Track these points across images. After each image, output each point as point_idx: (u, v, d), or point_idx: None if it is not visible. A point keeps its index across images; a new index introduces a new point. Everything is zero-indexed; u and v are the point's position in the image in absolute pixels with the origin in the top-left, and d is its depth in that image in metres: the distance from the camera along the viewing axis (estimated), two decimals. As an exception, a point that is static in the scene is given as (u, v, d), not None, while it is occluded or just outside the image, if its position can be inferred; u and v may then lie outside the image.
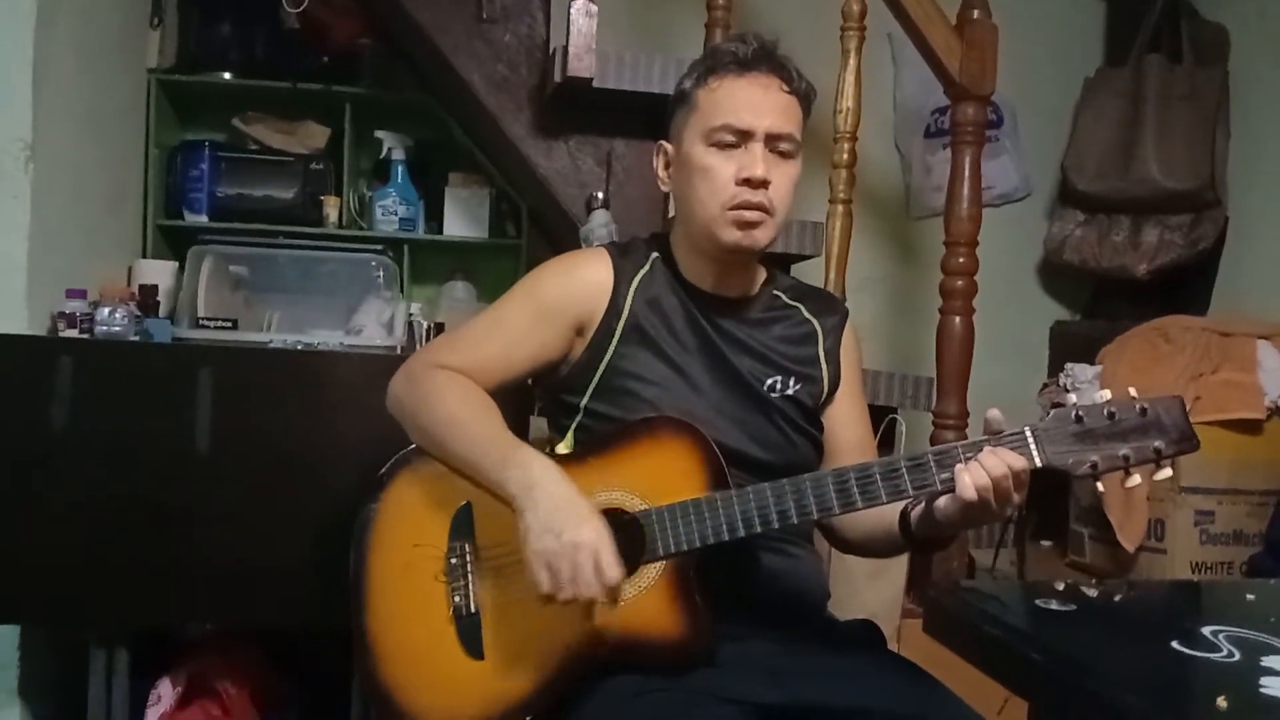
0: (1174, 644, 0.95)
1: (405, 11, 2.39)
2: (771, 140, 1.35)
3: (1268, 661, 0.92)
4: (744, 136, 1.35)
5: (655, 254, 1.47)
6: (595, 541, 1.19)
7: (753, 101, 1.36)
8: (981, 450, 1.17)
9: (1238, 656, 0.93)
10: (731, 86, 1.37)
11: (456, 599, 1.31)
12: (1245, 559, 2.24)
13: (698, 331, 1.42)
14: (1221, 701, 0.81)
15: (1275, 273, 2.75)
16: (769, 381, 1.42)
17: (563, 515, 1.20)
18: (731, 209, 1.35)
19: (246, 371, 1.99)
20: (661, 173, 1.47)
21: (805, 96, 1.40)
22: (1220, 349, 2.34)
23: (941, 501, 1.20)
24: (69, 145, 2.27)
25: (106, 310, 2.10)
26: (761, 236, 1.38)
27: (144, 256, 2.82)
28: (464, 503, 1.33)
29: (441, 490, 1.34)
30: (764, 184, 1.34)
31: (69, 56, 2.24)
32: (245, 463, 1.94)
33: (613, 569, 1.19)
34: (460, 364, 1.39)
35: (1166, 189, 2.85)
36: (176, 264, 2.67)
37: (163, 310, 2.45)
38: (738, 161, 1.35)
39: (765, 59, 1.37)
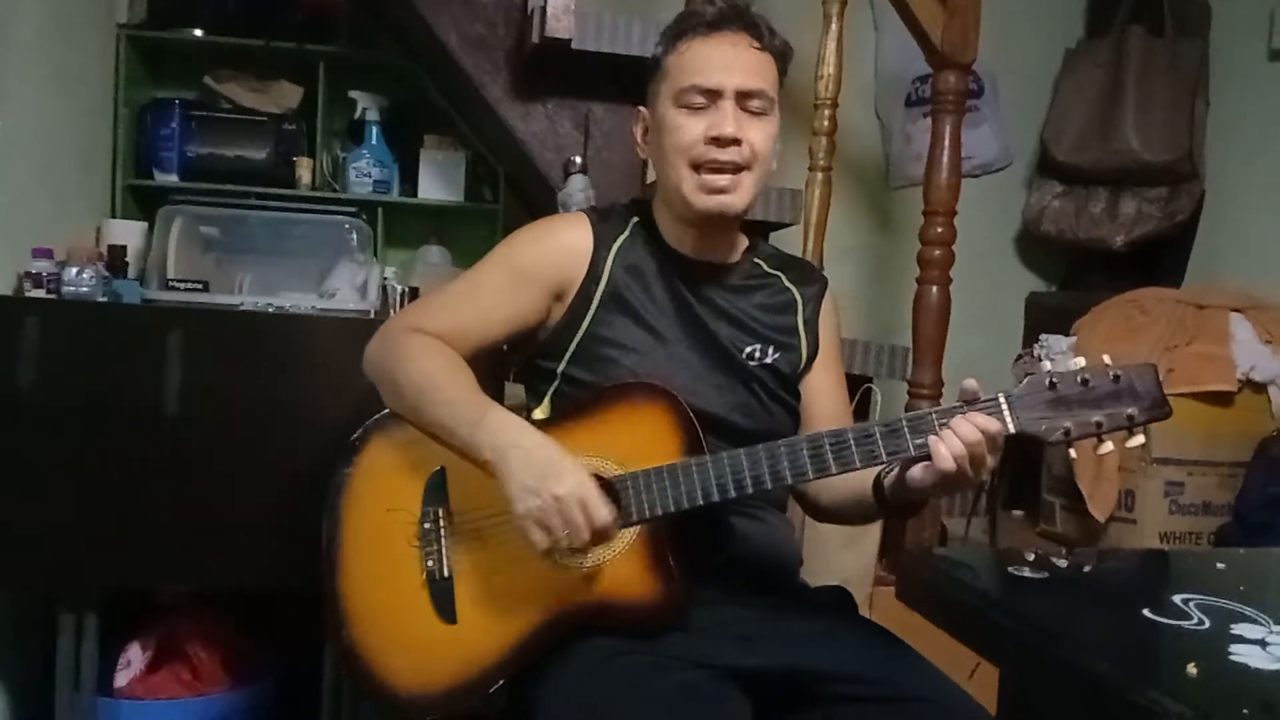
0: (1145, 611, 0.96)
1: (381, -31, 2.35)
2: (742, 98, 1.34)
3: (1237, 629, 0.92)
4: (713, 96, 1.34)
5: (635, 219, 1.46)
6: (578, 488, 1.19)
7: (721, 60, 1.34)
8: (955, 417, 1.17)
9: (1208, 624, 0.94)
10: (699, 47, 1.36)
11: (430, 563, 1.30)
12: (1214, 529, 2.26)
13: (677, 298, 1.41)
14: (1191, 668, 0.81)
15: (1250, 246, 2.77)
16: (747, 349, 1.42)
17: (540, 471, 1.20)
18: (700, 170, 1.34)
19: (217, 334, 1.97)
20: (640, 140, 1.46)
21: (780, 54, 1.39)
22: (1194, 321, 2.35)
23: (916, 468, 1.20)
24: (36, 103, 2.22)
25: (74, 270, 2.07)
26: (735, 201, 1.36)
27: (113, 216, 2.77)
28: (438, 468, 1.32)
29: (415, 455, 1.33)
30: (735, 142, 1.33)
31: (35, 11, 2.19)
32: (216, 426, 1.92)
33: (601, 510, 1.19)
34: (437, 328, 1.38)
35: (1145, 161, 2.85)
36: (146, 224, 2.63)
37: (132, 271, 2.41)
38: (707, 120, 1.34)
39: (733, 17, 1.36)
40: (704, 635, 1.26)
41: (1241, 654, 0.87)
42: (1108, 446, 1.18)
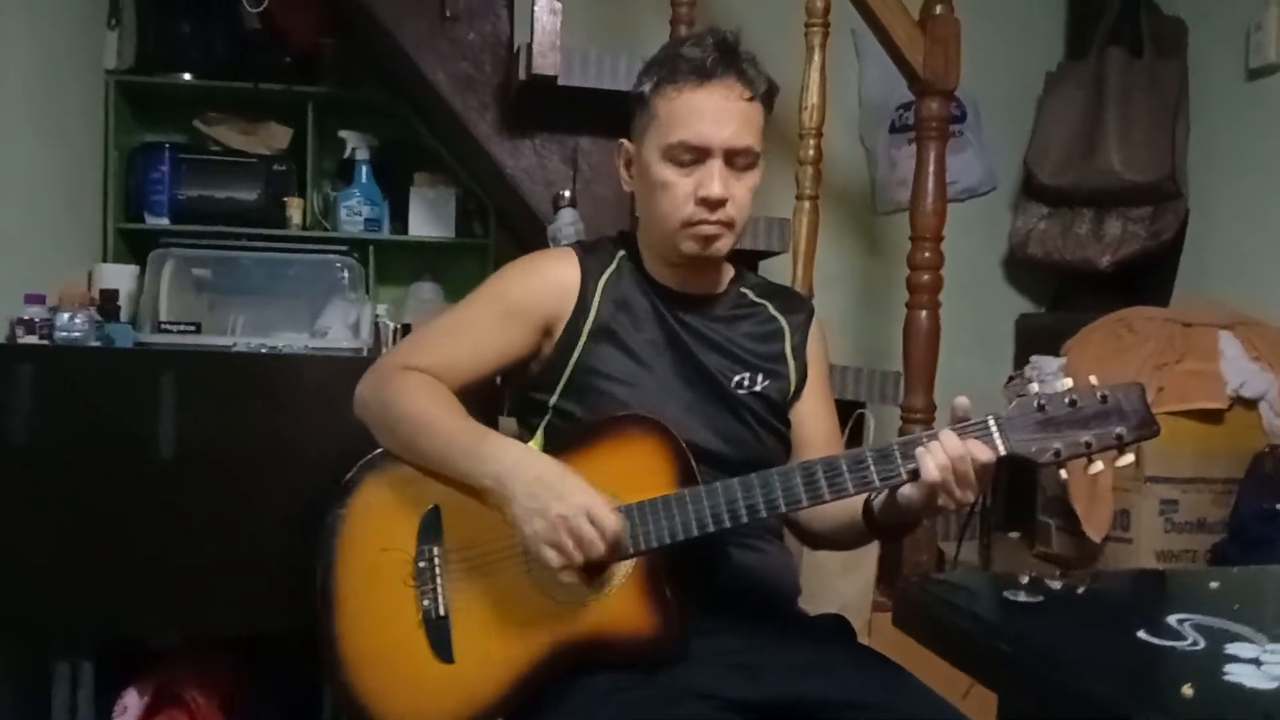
0: (1140, 633, 0.96)
1: (367, 10, 2.37)
2: (729, 155, 1.34)
3: (1232, 649, 0.93)
4: (701, 153, 1.34)
5: (622, 252, 1.47)
6: (582, 503, 1.19)
7: (709, 116, 1.33)
8: (944, 430, 1.18)
9: (1202, 644, 0.94)
10: (689, 100, 1.34)
11: (425, 602, 1.30)
12: (1209, 547, 2.27)
13: (665, 329, 1.42)
14: (1187, 689, 0.81)
15: (1236, 263, 2.79)
16: (736, 378, 1.42)
17: (542, 492, 1.20)
18: (691, 225, 1.36)
19: (210, 376, 1.97)
20: (623, 171, 1.47)
21: (768, 97, 1.39)
22: (1183, 339, 2.36)
23: (905, 487, 1.20)
24: (26, 148, 2.24)
25: (66, 315, 2.07)
26: (721, 247, 1.39)
27: (104, 260, 2.78)
28: (432, 506, 1.32)
29: (409, 494, 1.33)
30: (721, 203, 1.34)
31: (24, 58, 2.21)
32: (210, 469, 1.92)
33: (609, 519, 1.19)
34: (428, 364, 1.38)
35: (1128, 181, 2.88)
36: (138, 268, 2.63)
37: (124, 315, 2.42)
38: (695, 178, 1.35)
39: (725, 65, 1.34)
40: (705, 667, 1.26)
41: (1236, 673, 0.87)
42: (1098, 466, 1.19)
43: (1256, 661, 0.90)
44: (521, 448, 1.27)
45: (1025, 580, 1.13)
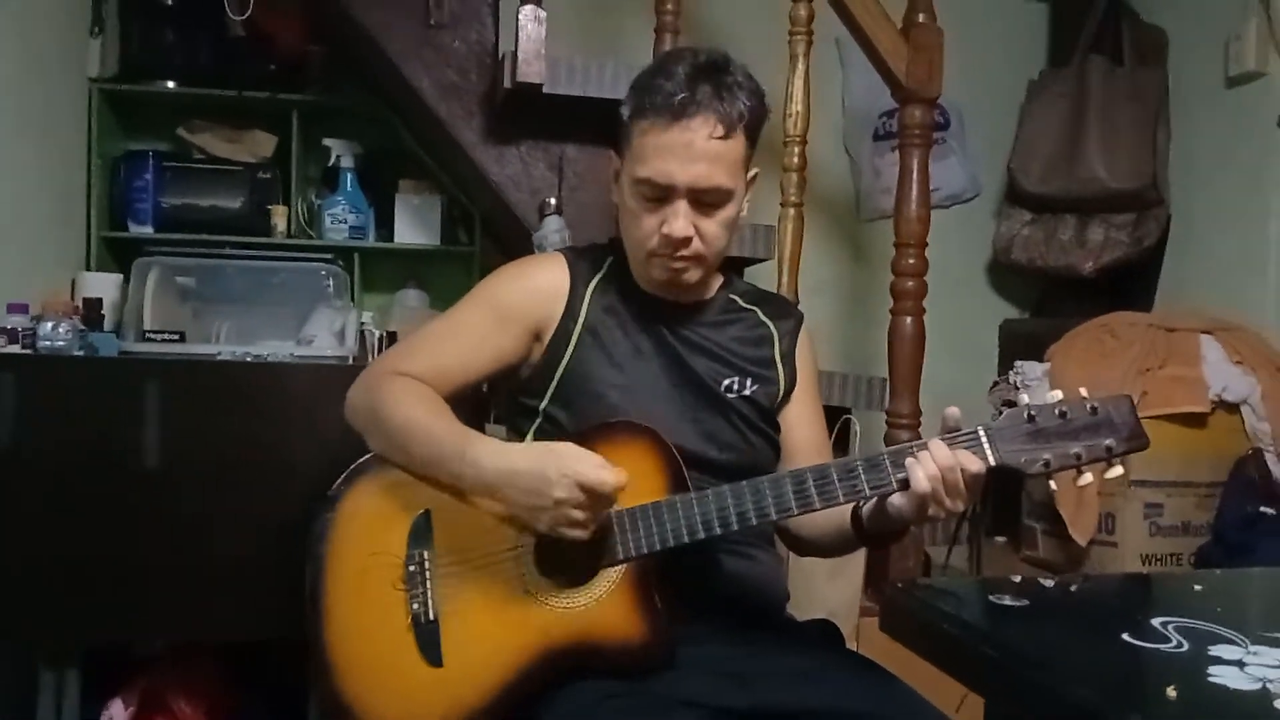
0: (1124, 636, 0.97)
1: (352, 18, 2.37)
2: (695, 194, 1.33)
3: (1215, 650, 0.94)
4: (666, 191, 1.33)
5: (611, 258, 1.48)
6: (570, 476, 1.18)
7: (677, 157, 1.30)
8: (934, 440, 1.18)
9: (1186, 647, 0.95)
10: (658, 138, 1.31)
11: (415, 607, 1.30)
12: (1194, 550, 2.28)
13: (654, 334, 1.43)
14: (1171, 691, 0.82)
15: (1217, 268, 2.81)
16: (726, 382, 1.43)
17: (534, 487, 1.21)
18: (656, 256, 1.36)
19: (195, 384, 1.96)
20: (614, 184, 1.47)
21: (750, 128, 1.35)
22: (1165, 344, 2.38)
23: (895, 496, 1.21)
24: (9, 157, 2.23)
25: (49, 325, 2.05)
26: (690, 278, 1.39)
27: (88, 269, 2.76)
28: (422, 510, 1.32)
29: (398, 499, 1.33)
30: (685, 242, 1.34)
31: (7, 66, 2.20)
32: (196, 477, 1.91)
33: (602, 473, 1.19)
34: (418, 370, 1.38)
35: (1111, 188, 2.90)
36: (121, 276, 2.62)
37: (108, 324, 2.40)
38: (661, 215, 1.34)
39: (702, 101, 1.30)
40: (693, 674, 1.26)
41: (1220, 675, 0.88)
42: (1087, 478, 1.19)
43: (1240, 663, 0.90)
44: (504, 446, 1.27)
45: (1013, 584, 1.14)
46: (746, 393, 1.43)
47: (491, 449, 1.27)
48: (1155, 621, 1.00)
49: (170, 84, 2.93)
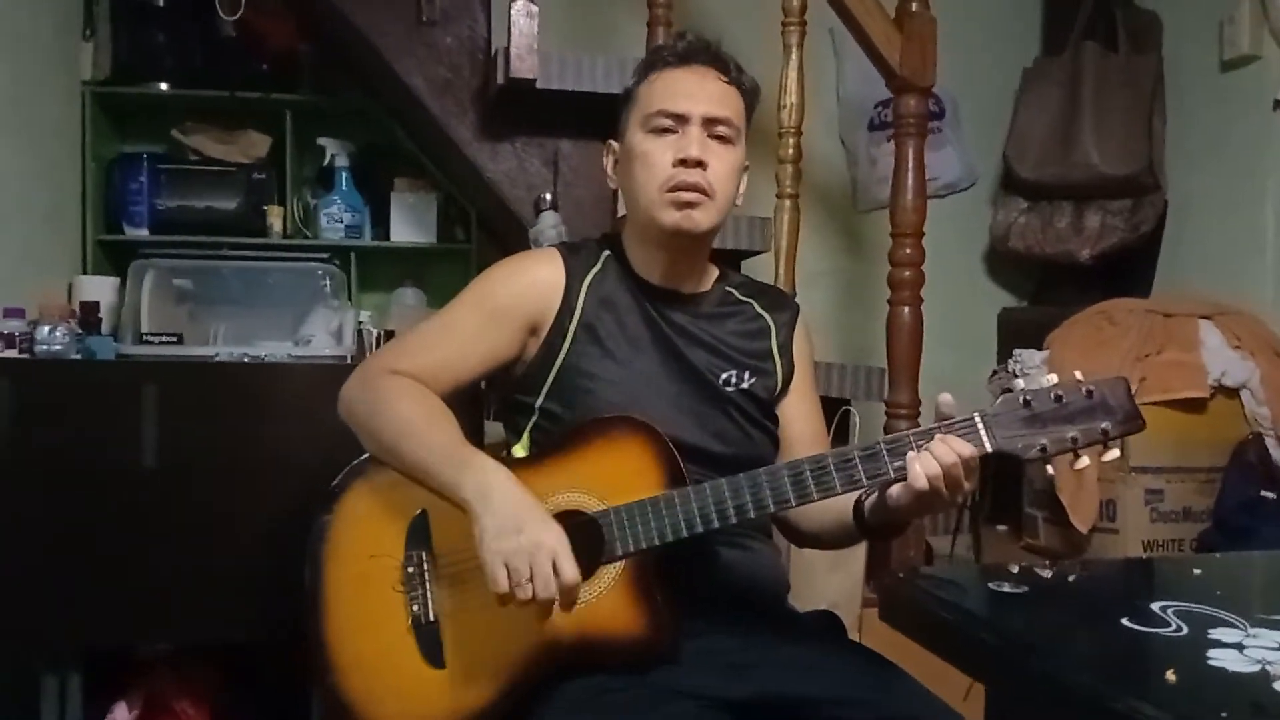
0: (1124, 621, 0.97)
1: (343, 16, 2.37)
2: (708, 124, 1.38)
3: (1214, 634, 0.94)
4: (680, 120, 1.38)
5: (606, 252, 1.47)
6: (555, 543, 1.19)
7: (688, 88, 1.39)
8: (932, 438, 1.18)
9: (1185, 630, 0.95)
10: (668, 76, 1.41)
11: (415, 608, 1.30)
12: (1195, 536, 2.28)
13: (651, 327, 1.42)
14: (1170, 675, 0.82)
15: (1214, 253, 2.81)
16: (724, 375, 1.42)
17: (524, 515, 1.20)
18: (669, 190, 1.37)
19: (193, 386, 1.97)
20: (610, 171, 1.49)
21: (747, 90, 1.43)
22: (1164, 330, 2.38)
23: (894, 489, 1.21)
24: (3, 162, 2.22)
25: (46, 329, 2.06)
26: (701, 218, 1.38)
27: (84, 273, 2.76)
28: (420, 511, 1.32)
29: (396, 499, 1.33)
30: (700, 164, 1.36)
31: (-1, 71, 2.19)
32: (194, 479, 1.92)
33: (571, 570, 1.18)
34: (413, 369, 1.38)
35: (1106, 174, 2.89)
36: (118, 279, 2.62)
37: (105, 327, 2.41)
38: (675, 144, 1.37)
39: (702, 52, 1.41)
40: (694, 666, 1.26)
41: (1219, 658, 0.88)
42: (1084, 461, 1.19)
43: (1239, 646, 0.90)
44: (506, 472, 1.25)
45: (1013, 571, 1.14)
46: (745, 386, 1.43)
47: (506, 471, 1.25)
48: (1154, 606, 1.00)
49: (163, 86, 2.93)
